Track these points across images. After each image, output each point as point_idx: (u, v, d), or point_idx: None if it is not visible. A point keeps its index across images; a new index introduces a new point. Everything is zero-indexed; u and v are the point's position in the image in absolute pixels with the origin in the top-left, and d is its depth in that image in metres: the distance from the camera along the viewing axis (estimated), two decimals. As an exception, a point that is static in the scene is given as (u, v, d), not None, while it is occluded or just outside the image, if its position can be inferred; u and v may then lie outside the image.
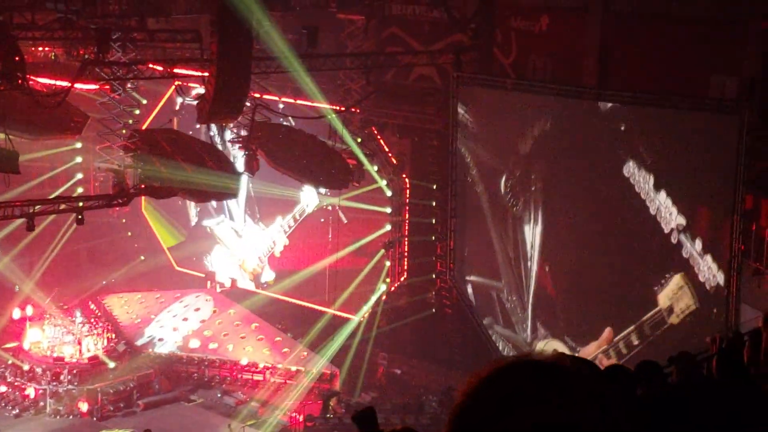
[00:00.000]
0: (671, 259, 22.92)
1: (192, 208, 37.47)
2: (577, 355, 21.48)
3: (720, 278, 21.87)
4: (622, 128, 23.84)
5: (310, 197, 34.69)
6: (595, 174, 24.74)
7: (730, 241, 21.74)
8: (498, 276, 27.61)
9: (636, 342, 23.76)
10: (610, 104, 24.19)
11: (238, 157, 30.92)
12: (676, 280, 22.84)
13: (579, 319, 25.70)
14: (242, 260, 37.55)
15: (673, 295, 22.89)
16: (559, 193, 25.89)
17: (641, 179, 23.13)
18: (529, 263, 26.55)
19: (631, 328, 23.90)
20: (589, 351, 24.41)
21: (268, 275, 36.79)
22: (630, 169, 23.43)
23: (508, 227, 27.08)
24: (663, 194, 22.74)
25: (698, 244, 22.21)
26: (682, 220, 22.47)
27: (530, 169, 26.40)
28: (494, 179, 27.41)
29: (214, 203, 36.19)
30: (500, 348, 27.44)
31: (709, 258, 22.07)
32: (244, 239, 37.38)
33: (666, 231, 22.77)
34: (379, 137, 32.23)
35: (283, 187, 34.04)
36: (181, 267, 39.66)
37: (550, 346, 25.58)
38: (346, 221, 34.11)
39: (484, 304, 28.19)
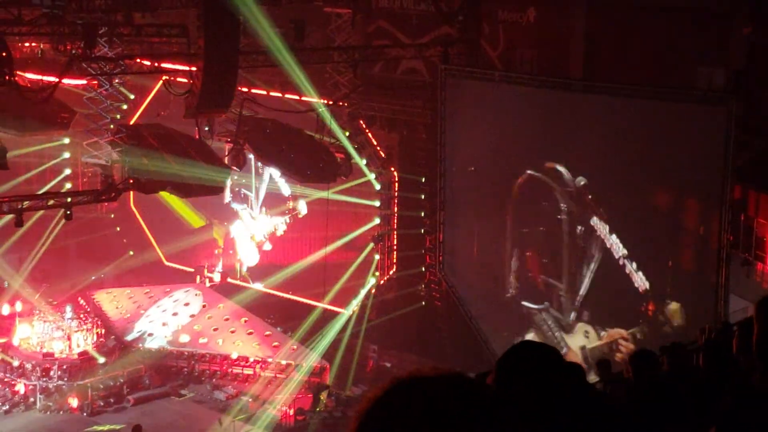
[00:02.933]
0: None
1: (227, 191, 37.90)
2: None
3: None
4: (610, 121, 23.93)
5: (302, 205, 35.61)
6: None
7: (719, 232, 21.83)
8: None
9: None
10: (597, 95, 24.25)
11: (225, 151, 30.96)
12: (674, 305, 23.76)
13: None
14: (252, 234, 37.78)
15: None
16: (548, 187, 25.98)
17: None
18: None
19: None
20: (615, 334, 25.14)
21: (254, 258, 37.22)
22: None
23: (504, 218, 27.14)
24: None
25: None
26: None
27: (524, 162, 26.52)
28: (484, 171, 27.46)
29: (242, 193, 37.45)
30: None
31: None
32: (257, 222, 37.67)
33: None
34: (367, 130, 32.23)
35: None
36: (170, 262, 39.62)
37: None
38: (301, 215, 35.05)
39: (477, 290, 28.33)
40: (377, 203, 32.92)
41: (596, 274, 25.35)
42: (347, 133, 31.48)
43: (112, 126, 28.83)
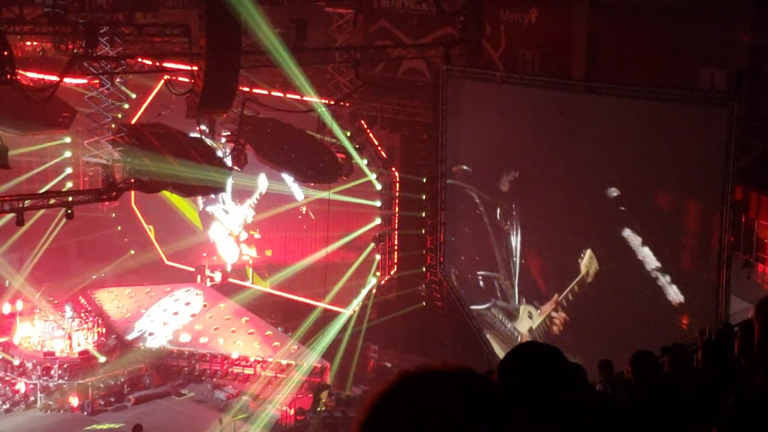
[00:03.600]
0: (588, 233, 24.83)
1: (199, 198, 38.03)
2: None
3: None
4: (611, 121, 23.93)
5: (263, 183, 36.23)
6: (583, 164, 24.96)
7: (720, 233, 21.81)
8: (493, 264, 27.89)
9: (571, 298, 25.49)
10: (598, 96, 24.25)
11: (227, 151, 30.98)
12: (589, 252, 24.65)
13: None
14: (230, 230, 37.89)
15: (588, 263, 24.65)
16: (544, 184, 25.99)
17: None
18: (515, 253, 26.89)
19: (567, 289, 25.41)
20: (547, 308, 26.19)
21: (234, 254, 37.68)
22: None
23: (501, 218, 27.27)
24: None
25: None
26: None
27: (518, 163, 26.57)
28: (484, 172, 27.47)
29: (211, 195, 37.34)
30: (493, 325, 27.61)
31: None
32: (230, 215, 37.72)
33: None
34: (368, 131, 32.22)
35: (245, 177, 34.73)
36: (171, 261, 39.63)
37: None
38: (314, 217, 34.81)
39: (477, 289, 28.38)
40: (378, 203, 32.91)
41: (522, 252, 26.21)
42: (348, 133, 31.48)
43: (113, 125, 28.82)
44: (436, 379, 2.17)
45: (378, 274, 32.79)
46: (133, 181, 27.81)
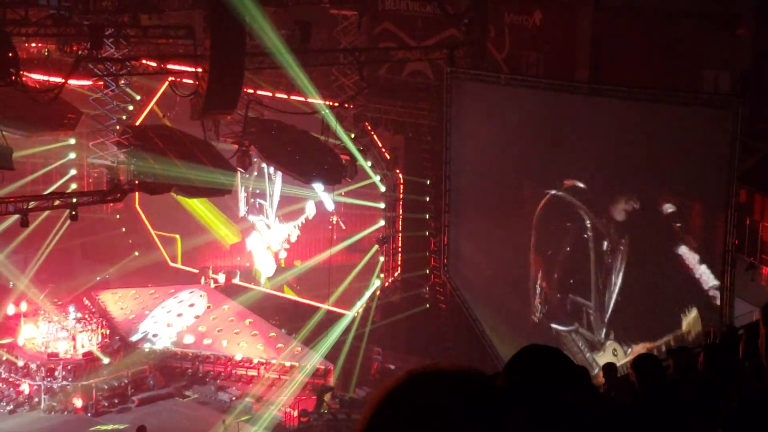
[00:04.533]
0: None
1: (242, 204, 38.20)
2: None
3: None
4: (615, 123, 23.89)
5: (310, 208, 35.98)
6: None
7: (724, 236, 21.78)
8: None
9: (664, 350, 23.45)
10: (602, 99, 24.22)
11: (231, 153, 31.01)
12: (695, 312, 23.26)
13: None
14: (269, 244, 37.88)
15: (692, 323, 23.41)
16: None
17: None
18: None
19: (662, 340, 24.15)
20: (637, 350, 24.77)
21: (272, 268, 37.50)
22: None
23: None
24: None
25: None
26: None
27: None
28: (489, 174, 27.44)
29: (257, 204, 37.83)
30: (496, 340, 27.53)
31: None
32: (272, 230, 37.73)
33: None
34: (372, 132, 32.23)
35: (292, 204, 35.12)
36: (175, 263, 39.66)
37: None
38: (344, 227, 34.71)
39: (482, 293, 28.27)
40: (382, 205, 32.93)
41: (622, 290, 25.04)
42: (352, 135, 31.49)
43: (118, 127, 28.86)
44: (438, 379, 2.20)
45: (382, 275, 32.80)
46: (137, 182, 27.85)
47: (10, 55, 22.81)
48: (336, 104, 30.82)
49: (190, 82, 27.71)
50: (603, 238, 25.29)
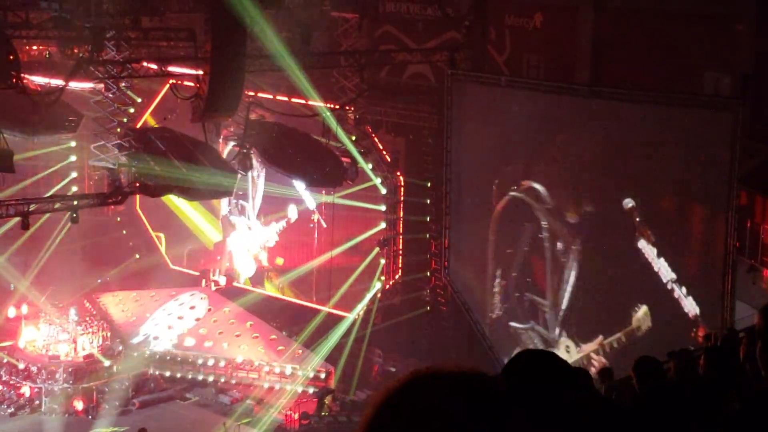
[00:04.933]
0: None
1: (224, 203, 37.98)
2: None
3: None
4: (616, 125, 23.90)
5: (292, 212, 35.77)
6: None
7: (725, 238, 21.79)
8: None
9: (616, 346, 24.64)
10: (603, 101, 24.23)
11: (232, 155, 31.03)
12: (644, 309, 23.80)
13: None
14: (248, 247, 37.87)
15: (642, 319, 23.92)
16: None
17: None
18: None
19: (614, 336, 24.68)
20: (588, 348, 25.46)
21: (251, 269, 37.46)
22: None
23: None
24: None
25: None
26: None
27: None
28: (489, 176, 27.45)
29: (239, 205, 37.45)
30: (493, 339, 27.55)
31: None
32: (253, 232, 37.70)
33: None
34: (373, 135, 32.24)
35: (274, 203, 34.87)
36: (175, 265, 39.64)
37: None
38: (325, 225, 34.68)
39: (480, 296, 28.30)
40: (383, 207, 32.93)
41: (575, 289, 25.52)
42: (353, 138, 31.49)
43: (119, 129, 28.86)
44: (438, 380, 2.21)
45: (382, 278, 32.79)
46: (138, 185, 27.85)
47: (11, 57, 22.85)
48: (337, 107, 30.82)
49: (191, 84, 27.72)
50: (557, 239, 25.76)
